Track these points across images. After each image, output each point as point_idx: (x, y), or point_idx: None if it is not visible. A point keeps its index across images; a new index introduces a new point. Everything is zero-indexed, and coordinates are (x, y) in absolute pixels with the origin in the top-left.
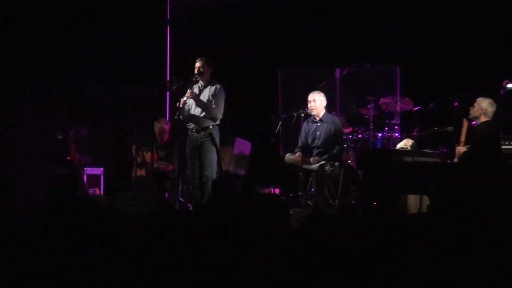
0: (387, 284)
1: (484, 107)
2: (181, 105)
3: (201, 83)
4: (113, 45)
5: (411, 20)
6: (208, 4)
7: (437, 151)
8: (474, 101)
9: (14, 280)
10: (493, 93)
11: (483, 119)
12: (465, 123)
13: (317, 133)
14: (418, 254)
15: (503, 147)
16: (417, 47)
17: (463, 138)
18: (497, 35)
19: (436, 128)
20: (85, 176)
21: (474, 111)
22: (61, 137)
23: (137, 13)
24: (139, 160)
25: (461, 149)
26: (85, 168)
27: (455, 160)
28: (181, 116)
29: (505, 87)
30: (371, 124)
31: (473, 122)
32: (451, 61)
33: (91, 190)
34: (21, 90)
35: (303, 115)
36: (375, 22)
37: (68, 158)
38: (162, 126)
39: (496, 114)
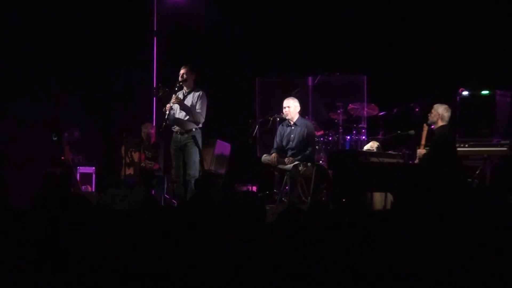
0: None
1: (440, 113)
2: (167, 110)
3: (185, 89)
4: (105, 54)
5: (377, 34)
6: (192, 17)
7: (400, 153)
8: (431, 107)
9: (13, 269)
10: (450, 99)
11: (440, 123)
12: (425, 127)
13: (291, 135)
14: (383, 247)
15: (459, 149)
16: (382, 58)
17: (423, 141)
18: (453, 47)
19: (399, 132)
20: (78, 175)
21: (432, 117)
22: (55, 138)
23: (127, 25)
24: (127, 160)
25: (421, 151)
26: (78, 167)
27: (416, 161)
28: (166, 120)
29: (460, 94)
30: (340, 127)
31: (432, 126)
32: (412, 71)
33: (83, 187)
34: (19, 95)
35: (278, 119)
36: (345, 35)
37: (62, 158)
38: (149, 129)
39: (452, 119)
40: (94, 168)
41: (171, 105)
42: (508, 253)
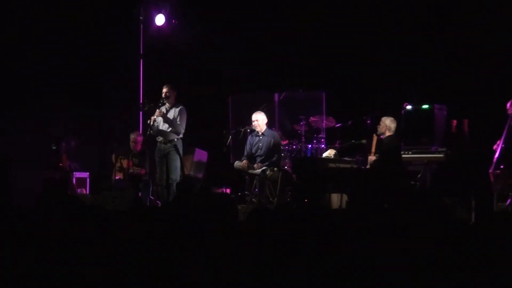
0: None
1: (387, 124)
2: (151, 123)
3: (167, 105)
4: (98, 73)
5: (334, 56)
6: (174, 42)
7: (354, 159)
8: (379, 119)
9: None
10: (396, 113)
11: (387, 133)
12: (375, 137)
13: (260, 144)
14: (340, 241)
15: (403, 156)
16: (339, 77)
17: (373, 149)
18: (399, 68)
19: (353, 141)
20: (74, 179)
21: (380, 128)
22: (54, 147)
23: (117, 49)
24: (117, 166)
25: (371, 157)
26: (74, 172)
27: (367, 166)
28: (151, 131)
29: (405, 108)
30: (302, 137)
31: (381, 136)
32: (364, 88)
33: (79, 190)
34: (23, 110)
35: (248, 130)
36: (306, 57)
37: (60, 164)
38: (136, 139)
39: (397, 130)
40: (88, 173)
41: (155, 118)
42: (443, 242)
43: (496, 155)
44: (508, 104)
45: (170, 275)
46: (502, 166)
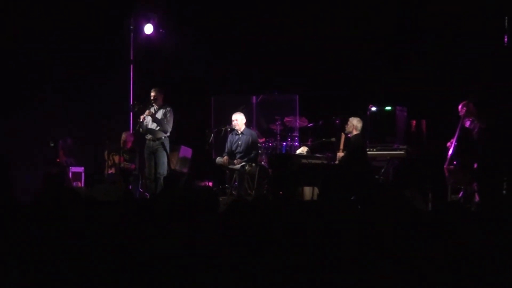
0: (289, 250)
1: (354, 124)
2: (141, 120)
3: (155, 106)
4: (92, 77)
5: (307, 62)
6: (161, 48)
7: (324, 156)
8: (347, 120)
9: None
10: (362, 113)
11: (354, 132)
12: (343, 136)
13: (239, 142)
14: (312, 229)
15: (369, 152)
16: (310, 81)
17: (341, 146)
18: (364, 73)
19: (323, 139)
20: (70, 173)
21: (348, 127)
22: (52, 144)
23: (110, 55)
24: (110, 161)
25: (340, 154)
26: (70, 167)
27: (336, 162)
28: (140, 129)
29: (370, 109)
30: (278, 136)
31: (348, 135)
32: (333, 91)
33: (74, 183)
34: (24, 111)
35: (229, 129)
36: (281, 63)
37: (58, 160)
38: (126, 136)
39: (363, 129)
40: (83, 168)
41: (145, 116)
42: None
43: (450, 152)
44: (460, 107)
45: (156, 260)
46: (455, 162)
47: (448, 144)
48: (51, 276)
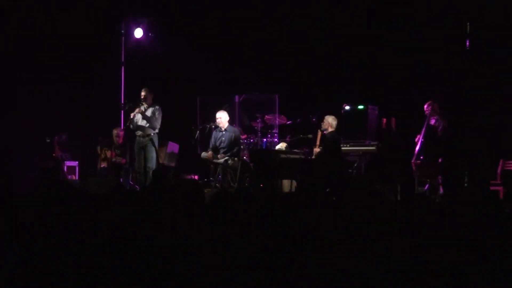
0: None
1: (330, 122)
2: (132, 118)
3: (145, 105)
4: (86, 78)
5: (285, 64)
6: (150, 51)
7: (302, 151)
8: (323, 118)
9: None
10: (337, 112)
11: (330, 129)
12: (319, 132)
13: (223, 138)
14: (290, 219)
15: (343, 148)
16: (289, 81)
17: (318, 142)
18: (339, 75)
19: (301, 136)
20: (65, 167)
21: (323, 125)
22: (48, 140)
23: (102, 57)
24: (102, 156)
25: (316, 150)
26: (65, 162)
27: (313, 157)
28: (131, 126)
29: (344, 108)
30: (259, 132)
31: (324, 132)
32: (310, 91)
33: (69, 177)
34: (23, 109)
35: (213, 126)
36: (262, 66)
37: (54, 154)
38: (118, 133)
39: (338, 126)
40: (77, 162)
41: (135, 114)
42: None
43: (417, 148)
44: (426, 106)
45: (146, 248)
46: (421, 157)
47: (416, 140)
48: (47, 261)
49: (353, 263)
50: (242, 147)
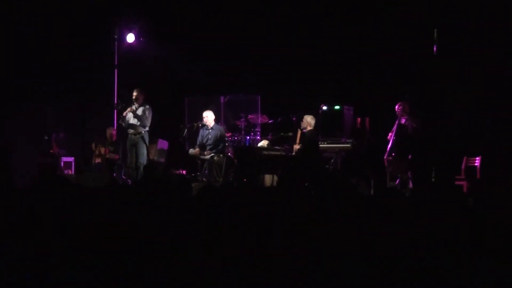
0: (251, 228)
1: (309, 121)
2: (124, 117)
3: (136, 104)
4: (81, 80)
5: (267, 68)
6: (142, 55)
7: (283, 148)
8: (302, 117)
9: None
10: (315, 112)
11: (309, 128)
12: (299, 131)
13: (209, 136)
14: (271, 211)
15: (321, 145)
16: (270, 84)
17: (297, 140)
18: (317, 77)
19: (282, 134)
20: (62, 163)
21: (303, 124)
22: (46, 138)
23: (97, 60)
24: (97, 152)
25: (296, 146)
26: (62, 158)
27: (293, 153)
28: (123, 124)
29: (321, 108)
30: (242, 131)
31: (303, 130)
32: (290, 93)
33: (66, 171)
34: (23, 109)
35: (200, 125)
36: (245, 68)
37: (51, 151)
38: (111, 131)
39: (316, 125)
40: (73, 158)
41: (127, 113)
42: (349, 211)
43: (389, 145)
44: (397, 106)
45: (136, 238)
46: (393, 154)
47: (388, 137)
48: (45, 251)
49: (329, 251)
50: (227, 144)
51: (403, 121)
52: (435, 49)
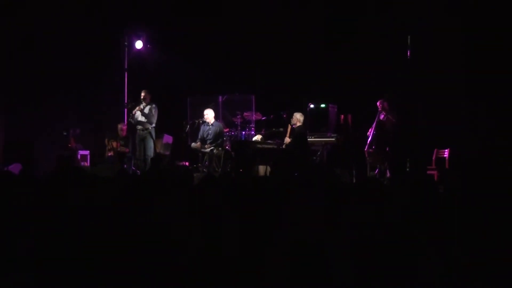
0: (246, 214)
1: (298, 118)
2: (133, 114)
3: (144, 103)
4: (96, 82)
5: (260, 71)
6: (149, 60)
7: (274, 142)
8: (292, 114)
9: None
10: (304, 109)
11: (298, 124)
12: (289, 126)
13: (209, 131)
14: (264, 198)
15: (309, 139)
16: (264, 84)
17: (288, 135)
18: (305, 78)
19: (274, 129)
20: (79, 155)
21: (293, 120)
22: (65, 133)
23: (109, 64)
24: (109, 146)
25: (287, 139)
26: (78, 151)
27: (284, 145)
28: (132, 121)
29: (309, 106)
30: (239, 126)
31: (293, 126)
32: (281, 92)
33: (82, 163)
34: (43, 106)
35: (201, 121)
36: (241, 71)
37: (69, 145)
38: (122, 127)
39: (305, 121)
40: (88, 151)
41: (136, 111)
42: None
43: (369, 139)
44: (378, 103)
45: (143, 224)
46: (374, 147)
47: (368, 133)
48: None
49: (314, 234)
50: (225, 138)
51: (381, 117)
52: (408, 53)
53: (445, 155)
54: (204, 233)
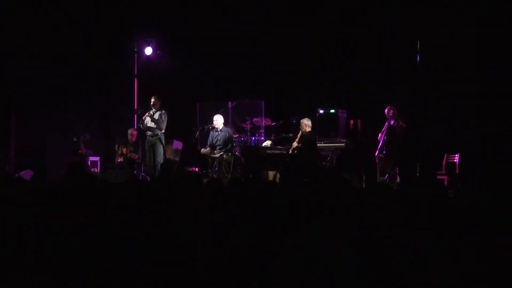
0: (255, 216)
1: (306, 123)
2: (143, 120)
3: (154, 109)
4: (106, 88)
5: (270, 77)
6: (158, 66)
7: (284, 147)
8: (300, 121)
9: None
10: (313, 115)
11: (307, 129)
12: (300, 132)
13: (219, 137)
14: (273, 203)
15: (318, 145)
16: (273, 90)
17: (297, 139)
18: (315, 84)
19: (283, 135)
20: (89, 161)
21: (301, 127)
22: (75, 139)
23: (119, 71)
24: (119, 152)
25: (294, 144)
26: (89, 157)
27: (291, 150)
28: (142, 127)
29: (318, 112)
30: (248, 132)
31: (303, 132)
32: (290, 98)
33: (92, 169)
34: (54, 113)
35: (210, 127)
36: (251, 78)
37: (80, 151)
38: (132, 133)
39: (314, 126)
40: (99, 157)
41: (146, 117)
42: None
43: (380, 144)
44: (386, 110)
45: (154, 227)
46: (384, 151)
47: (378, 138)
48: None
49: (325, 239)
50: (234, 144)
51: (392, 122)
52: (418, 59)
53: (455, 160)
54: (213, 238)
